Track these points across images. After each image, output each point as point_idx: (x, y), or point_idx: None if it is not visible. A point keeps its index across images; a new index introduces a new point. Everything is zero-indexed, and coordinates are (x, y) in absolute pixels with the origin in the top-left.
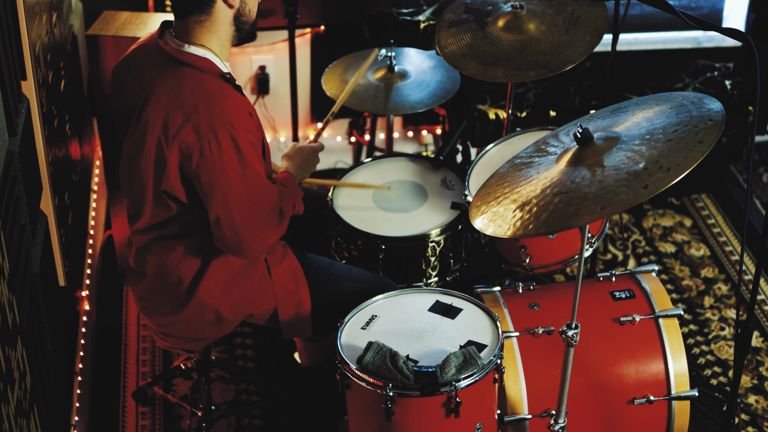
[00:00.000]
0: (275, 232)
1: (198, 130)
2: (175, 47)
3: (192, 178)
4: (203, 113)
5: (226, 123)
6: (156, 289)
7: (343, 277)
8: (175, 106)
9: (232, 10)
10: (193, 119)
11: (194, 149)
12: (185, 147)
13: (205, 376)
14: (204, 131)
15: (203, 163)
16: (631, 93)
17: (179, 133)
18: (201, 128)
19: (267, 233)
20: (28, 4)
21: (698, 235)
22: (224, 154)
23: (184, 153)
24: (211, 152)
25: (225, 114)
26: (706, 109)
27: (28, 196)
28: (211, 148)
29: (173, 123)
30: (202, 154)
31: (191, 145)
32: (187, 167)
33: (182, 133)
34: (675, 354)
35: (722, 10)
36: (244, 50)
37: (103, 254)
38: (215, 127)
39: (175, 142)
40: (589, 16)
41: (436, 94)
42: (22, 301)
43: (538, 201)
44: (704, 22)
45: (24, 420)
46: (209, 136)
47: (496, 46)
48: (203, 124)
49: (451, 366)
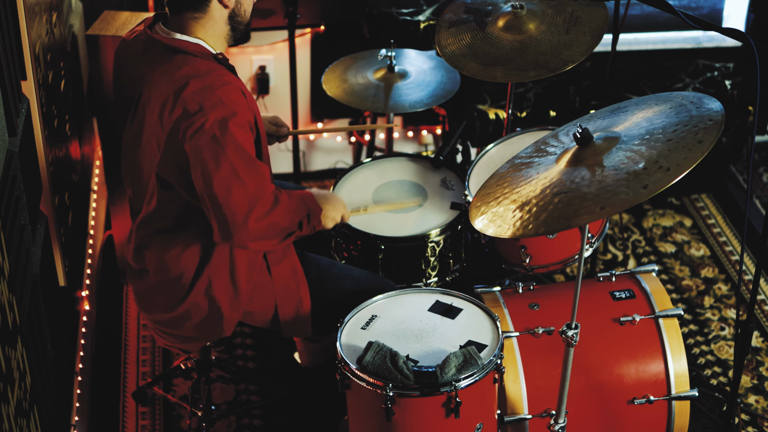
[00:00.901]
0: (265, 217)
1: (186, 107)
2: (165, 36)
3: (179, 153)
4: (191, 89)
5: (216, 99)
6: (155, 285)
7: (342, 276)
8: (167, 87)
9: (227, 10)
10: (183, 94)
11: (182, 124)
12: (175, 123)
13: (205, 376)
14: (192, 107)
15: (193, 138)
16: (631, 93)
17: (173, 111)
18: (189, 105)
19: (252, 212)
20: (28, 4)
21: (698, 235)
22: (211, 128)
23: (174, 128)
24: (201, 127)
25: (215, 91)
26: (706, 109)
27: (28, 196)
28: (200, 124)
29: (167, 103)
30: (190, 128)
31: (180, 121)
32: (180, 143)
33: (174, 111)
34: (675, 354)
35: (722, 10)
36: (244, 50)
37: (103, 254)
38: (203, 103)
39: (169, 120)
40: (589, 16)
41: (435, 94)
42: (22, 301)
43: (537, 201)
44: (704, 22)
45: (24, 420)
46: (198, 113)
47: (496, 46)
48: (192, 101)
49: (451, 366)
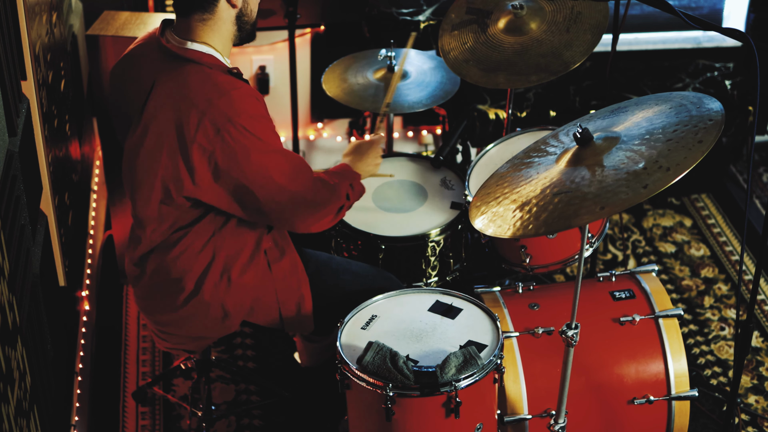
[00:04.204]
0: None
1: (215, 124)
2: (176, 44)
3: (221, 172)
4: (217, 106)
5: (242, 113)
6: (158, 287)
7: (342, 271)
8: (185, 103)
9: (235, 10)
10: (209, 114)
11: (216, 143)
12: (207, 143)
13: (205, 376)
14: (222, 123)
15: (227, 156)
16: (631, 93)
17: (198, 132)
18: (218, 121)
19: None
20: (28, 4)
21: (698, 235)
22: (246, 140)
23: (208, 149)
24: (234, 141)
25: (241, 104)
26: (706, 109)
27: (28, 196)
28: (232, 137)
29: (189, 121)
30: (226, 146)
31: (212, 140)
32: (212, 162)
33: (201, 131)
34: (675, 354)
35: (722, 10)
36: (244, 50)
37: (103, 254)
38: (231, 118)
39: (196, 140)
40: (589, 11)
41: (435, 95)
42: (22, 301)
43: (537, 201)
44: (704, 22)
45: (24, 420)
46: (228, 127)
47: (498, 50)
48: (219, 118)
49: (451, 366)
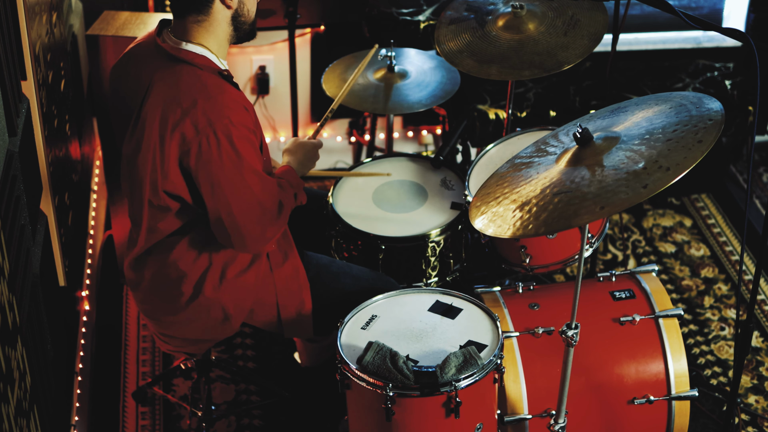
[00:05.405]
0: (276, 224)
1: (196, 126)
2: (172, 45)
3: (192, 174)
4: (201, 108)
5: (224, 118)
6: (158, 290)
7: (342, 274)
8: (173, 101)
9: (230, 11)
10: (191, 114)
11: (192, 144)
12: (183, 142)
13: (205, 376)
14: (202, 126)
15: (201, 159)
16: (631, 93)
17: (177, 127)
18: (199, 123)
19: (267, 227)
20: (28, 4)
21: (698, 235)
22: (222, 150)
23: (183, 148)
24: (209, 148)
25: (223, 110)
26: (706, 109)
27: (28, 196)
28: (209, 143)
29: (172, 118)
30: (200, 150)
31: (189, 140)
32: (185, 162)
33: (180, 127)
34: (675, 354)
35: (722, 10)
36: (244, 50)
37: (103, 254)
38: (213, 122)
39: (174, 136)
40: (588, 20)
41: (435, 95)
42: (22, 301)
43: (537, 201)
44: (704, 22)
45: (24, 420)
46: (207, 131)
47: (494, 45)
48: (201, 120)
49: (451, 366)
